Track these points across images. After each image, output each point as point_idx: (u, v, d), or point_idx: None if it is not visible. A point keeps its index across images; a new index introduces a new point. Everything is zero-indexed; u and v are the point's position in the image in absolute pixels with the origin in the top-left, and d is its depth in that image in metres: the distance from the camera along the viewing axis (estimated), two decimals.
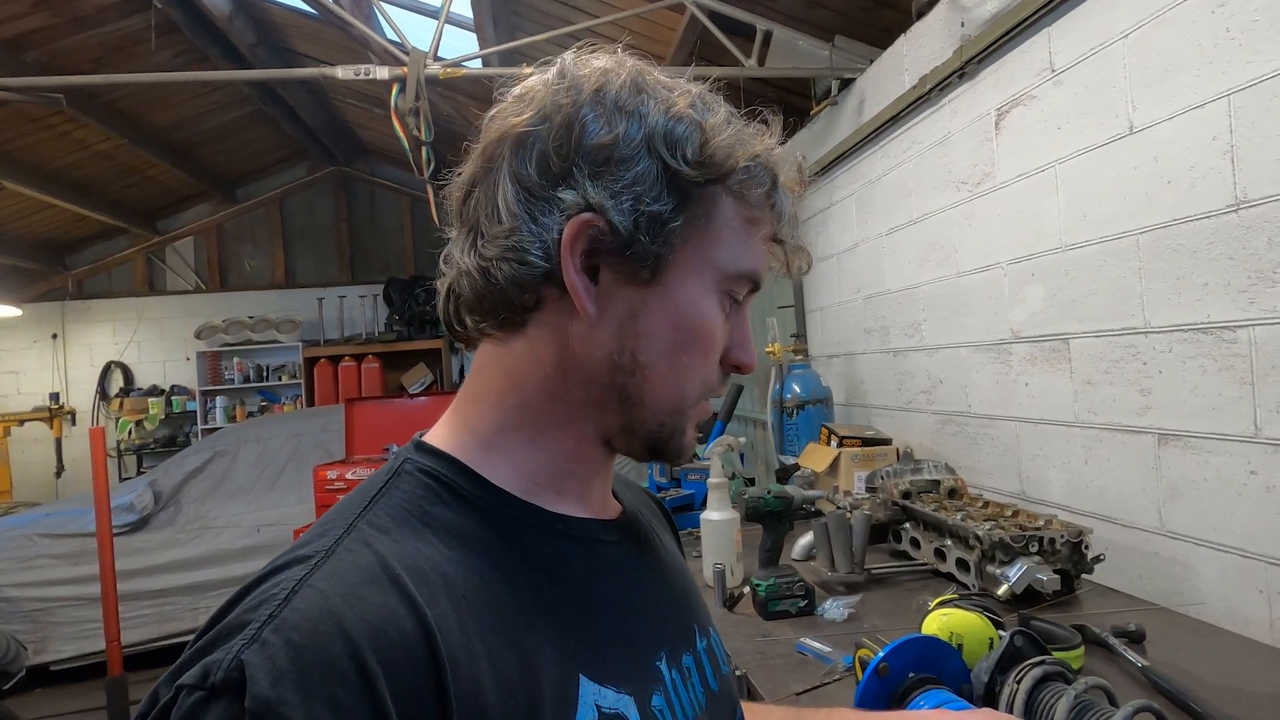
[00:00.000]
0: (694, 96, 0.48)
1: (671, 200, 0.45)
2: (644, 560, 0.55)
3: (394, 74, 2.44)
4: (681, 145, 0.45)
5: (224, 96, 5.24)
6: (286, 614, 0.36)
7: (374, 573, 0.39)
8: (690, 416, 0.51)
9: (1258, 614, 1.26)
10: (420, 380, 6.75)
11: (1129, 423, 1.53)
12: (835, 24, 2.76)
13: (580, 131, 0.45)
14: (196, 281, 6.94)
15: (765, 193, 0.49)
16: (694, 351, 0.49)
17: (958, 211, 2.09)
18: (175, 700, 0.35)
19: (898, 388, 2.52)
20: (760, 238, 0.50)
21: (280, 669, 0.34)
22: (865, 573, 1.53)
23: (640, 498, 0.65)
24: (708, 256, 0.48)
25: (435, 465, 0.47)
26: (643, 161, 0.45)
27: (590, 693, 0.43)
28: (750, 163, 0.47)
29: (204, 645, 0.37)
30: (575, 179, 0.45)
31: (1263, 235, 1.22)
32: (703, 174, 0.46)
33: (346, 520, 0.43)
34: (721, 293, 0.49)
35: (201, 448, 4.40)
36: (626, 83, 0.47)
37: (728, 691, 0.57)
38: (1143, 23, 1.44)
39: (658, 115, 0.46)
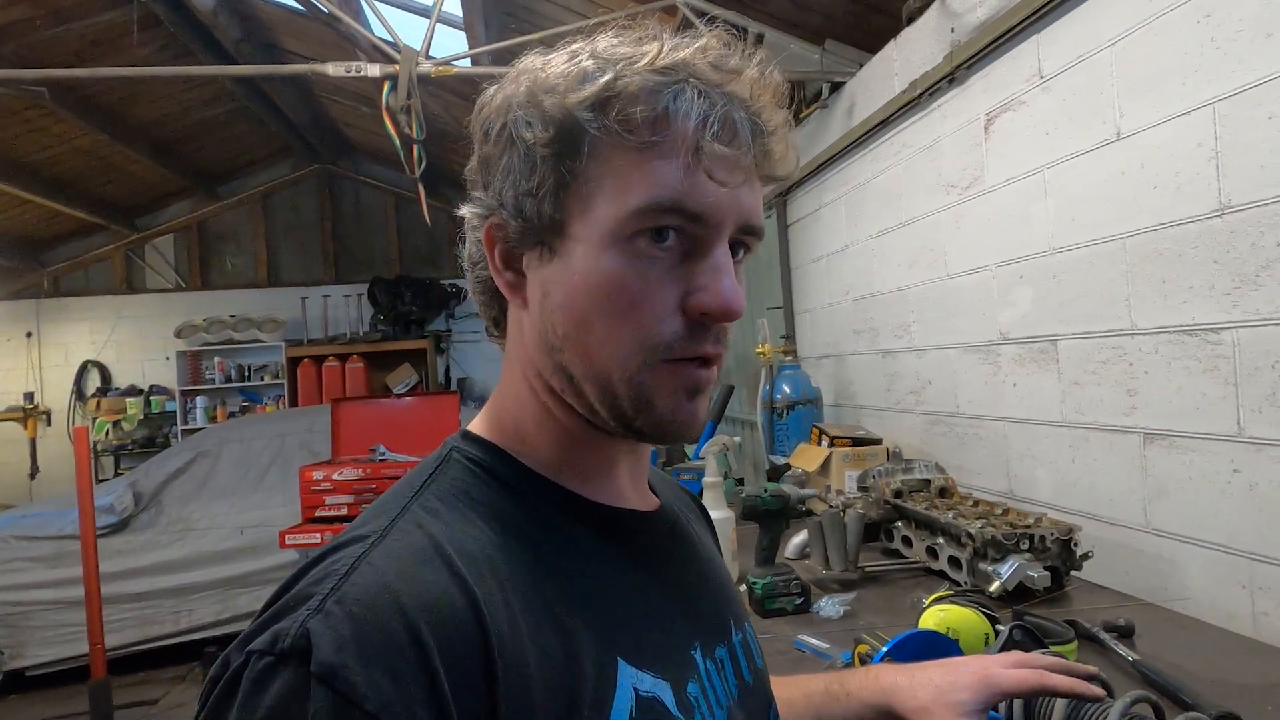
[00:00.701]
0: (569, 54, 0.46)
1: (538, 172, 0.45)
2: (680, 553, 0.56)
3: (386, 71, 2.43)
4: (526, 119, 0.45)
5: (207, 92, 5.17)
6: (347, 588, 0.38)
7: (427, 552, 0.41)
8: (651, 386, 0.45)
9: (1241, 608, 1.29)
10: (405, 380, 6.70)
11: (1115, 422, 1.56)
12: (826, 28, 2.79)
13: (482, 140, 0.49)
14: (177, 280, 6.84)
15: (650, 109, 0.43)
16: (610, 314, 0.44)
17: (947, 214, 2.12)
18: (246, 664, 0.36)
19: (887, 388, 2.55)
20: (664, 160, 0.43)
21: (343, 637, 0.36)
22: (859, 571, 1.55)
23: (677, 493, 0.65)
24: (594, 211, 0.44)
25: (479, 453, 0.50)
26: (508, 150, 0.46)
27: (628, 675, 0.44)
28: (602, 91, 0.43)
29: (271, 615, 0.39)
30: (485, 185, 0.49)
31: (1246, 239, 1.26)
32: (547, 132, 0.44)
33: (400, 503, 0.45)
34: (623, 240, 0.44)
35: (183, 448, 4.33)
36: (524, 79, 0.47)
37: (761, 685, 0.57)
38: (1130, 31, 1.47)
39: (520, 96, 0.46)
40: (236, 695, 0.36)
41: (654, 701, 0.45)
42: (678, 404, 0.46)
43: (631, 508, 0.53)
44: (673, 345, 0.45)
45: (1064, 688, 0.64)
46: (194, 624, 3.72)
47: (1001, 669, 0.65)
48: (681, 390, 0.46)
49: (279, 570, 3.76)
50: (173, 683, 3.56)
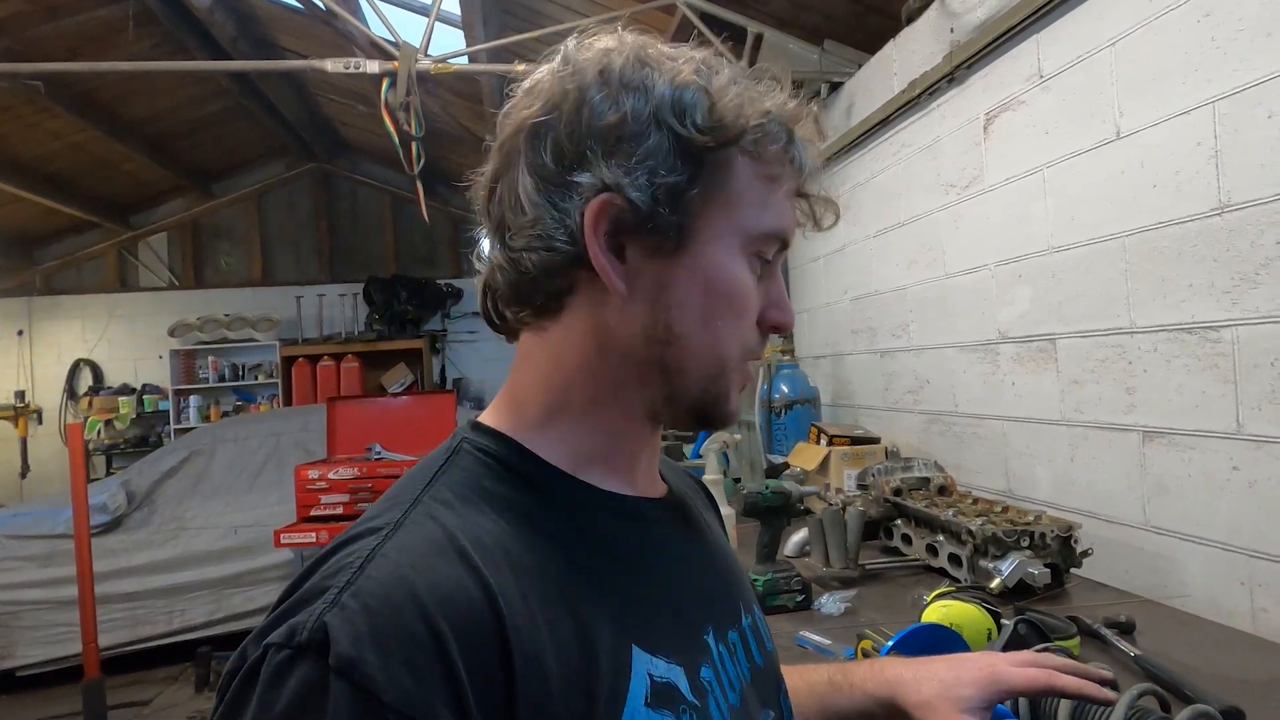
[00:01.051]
0: (698, 62, 0.48)
1: (686, 169, 0.46)
2: (690, 538, 0.56)
3: (384, 68, 2.42)
4: (689, 112, 0.45)
5: (202, 90, 5.15)
6: (362, 581, 0.38)
7: (441, 544, 0.41)
8: (733, 381, 0.51)
9: (1240, 605, 1.30)
10: (400, 380, 6.68)
11: (1115, 421, 1.56)
12: (825, 28, 2.80)
13: (589, 114, 0.46)
14: (170, 278, 6.79)
15: (782, 148, 0.49)
16: (728, 316, 0.49)
17: (946, 214, 2.13)
18: (264, 657, 0.36)
19: (885, 388, 2.55)
20: (783, 194, 0.50)
21: (359, 630, 0.36)
22: (859, 568, 1.55)
23: (685, 480, 0.66)
24: (731, 220, 0.48)
25: (490, 444, 0.49)
26: (653, 135, 0.45)
27: (643, 662, 0.44)
28: (762, 119, 0.47)
29: (287, 608, 0.38)
30: (590, 161, 0.46)
31: (1246, 238, 1.27)
32: (714, 138, 0.46)
33: (412, 495, 0.45)
34: (749, 254, 0.49)
35: (177, 447, 4.30)
36: (630, 59, 0.47)
37: (772, 667, 0.58)
38: (1130, 31, 1.48)
39: (663, 86, 0.46)
40: (255, 688, 0.36)
41: (668, 687, 0.45)
42: (738, 397, 0.53)
43: (643, 495, 0.54)
44: (752, 349, 0.52)
45: (1072, 688, 0.63)
46: (186, 624, 3.69)
47: (1009, 666, 0.64)
48: (742, 386, 0.52)
49: (273, 570, 3.74)
50: (165, 683, 3.53)
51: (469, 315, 7.04)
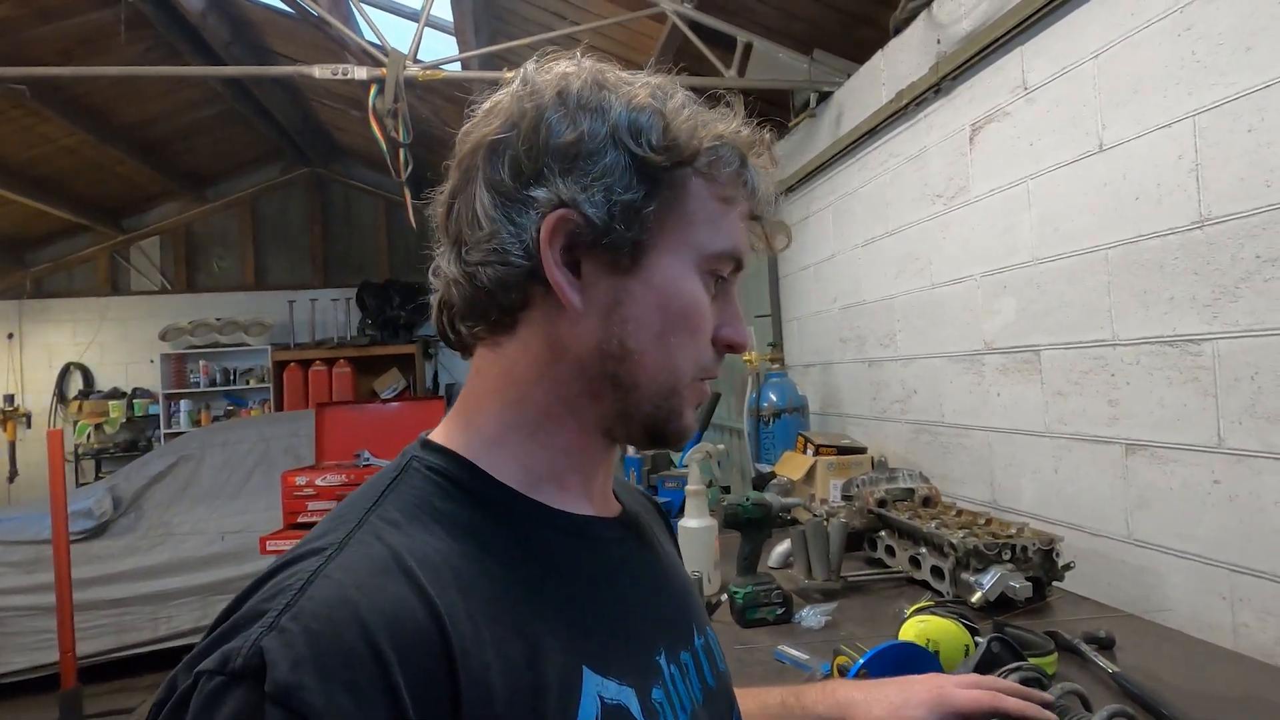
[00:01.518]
0: (654, 87, 0.50)
1: (642, 187, 0.47)
2: (644, 559, 0.57)
3: (372, 75, 2.42)
4: (646, 133, 0.47)
5: (196, 93, 5.14)
6: (303, 603, 0.37)
7: (387, 564, 0.40)
8: (686, 398, 0.51)
9: (1221, 620, 1.29)
10: (393, 385, 6.66)
11: (1098, 433, 1.56)
12: (814, 38, 2.80)
13: (547, 132, 0.47)
14: (162, 282, 6.77)
15: (735, 171, 0.50)
16: (682, 332, 0.49)
17: (934, 224, 2.13)
18: (195, 686, 0.35)
19: (873, 397, 2.55)
20: (736, 215, 0.51)
21: (299, 655, 0.35)
22: (841, 580, 1.54)
23: (639, 500, 0.66)
24: (685, 238, 0.49)
25: (441, 462, 0.49)
26: (609, 153, 0.46)
27: (593, 684, 0.44)
28: (715, 143, 0.49)
29: (221, 634, 0.37)
30: (547, 178, 0.46)
31: (1226, 252, 1.26)
32: (669, 158, 0.47)
33: (358, 514, 0.44)
34: (703, 272, 0.50)
35: (165, 452, 4.28)
36: (587, 82, 0.48)
37: (725, 689, 0.58)
38: (1112, 44, 1.48)
39: (619, 107, 0.47)
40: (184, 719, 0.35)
41: (619, 709, 0.45)
42: (692, 415, 0.53)
43: (597, 514, 0.53)
44: (707, 367, 0.52)
45: (1014, 710, 0.66)
46: (172, 631, 3.67)
47: (956, 689, 0.67)
48: (696, 404, 0.53)
49: None
50: (149, 691, 3.49)
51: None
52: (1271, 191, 1.19)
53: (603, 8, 3.13)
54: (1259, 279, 1.21)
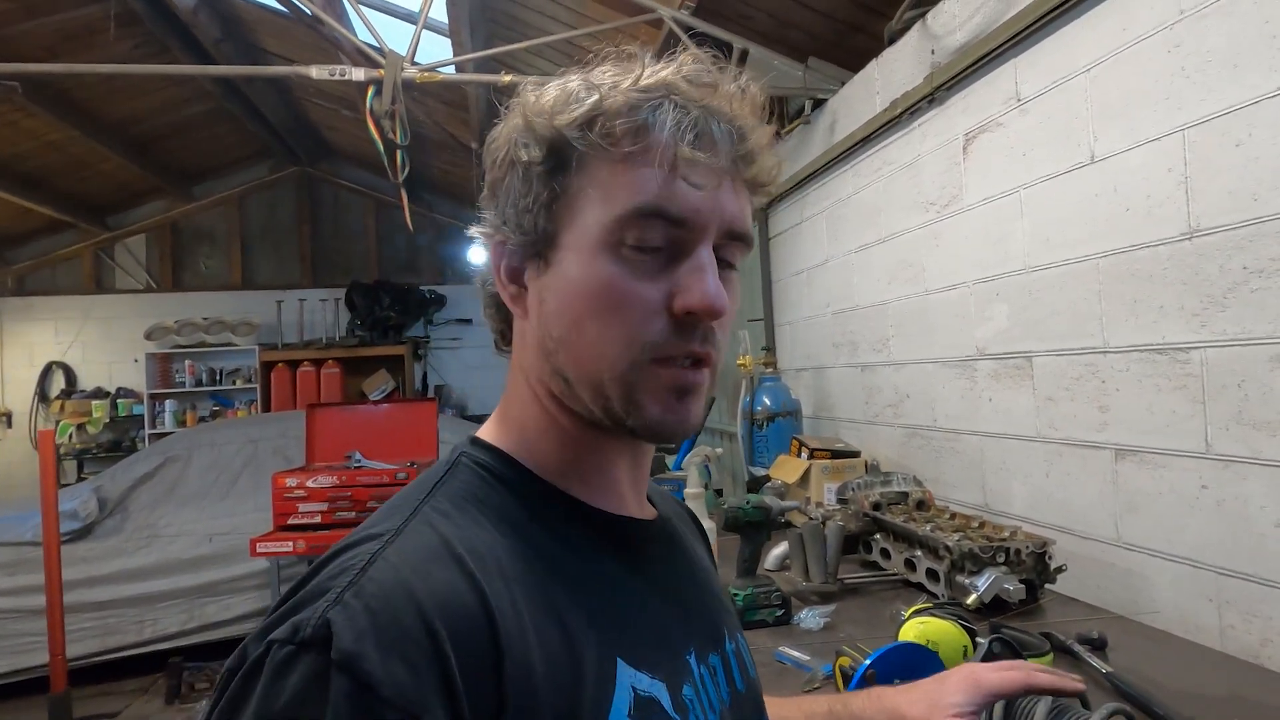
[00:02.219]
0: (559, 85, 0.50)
1: (532, 191, 0.49)
2: (676, 562, 0.58)
3: (370, 75, 2.41)
4: (522, 142, 0.49)
5: (185, 91, 5.09)
6: (364, 582, 0.40)
7: (439, 551, 0.43)
8: (639, 385, 0.47)
9: (1207, 621, 1.33)
10: (381, 387, 6.62)
11: (1088, 438, 1.59)
12: (809, 46, 2.84)
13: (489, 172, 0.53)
14: (148, 280, 6.69)
15: (628, 123, 0.46)
16: (598, 316, 0.47)
17: (926, 231, 2.16)
18: (267, 653, 0.38)
19: (865, 401, 2.58)
20: (644, 168, 0.46)
21: (361, 627, 0.37)
22: (839, 583, 1.56)
23: (674, 507, 0.67)
24: (582, 221, 0.48)
25: (486, 457, 0.52)
26: (509, 172, 0.50)
27: (627, 675, 0.45)
28: (588, 110, 0.46)
29: (289, 608, 0.40)
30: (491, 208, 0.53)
31: (1214, 262, 1.30)
32: (540, 151, 0.48)
33: (411, 505, 0.47)
34: (610, 246, 0.47)
35: (152, 452, 4.22)
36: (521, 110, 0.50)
37: (754, 694, 0.59)
38: (1104, 58, 1.52)
39: (516, 123, 0.50)
40: (257, 683, 0.37)
41: (651, 701, 0.46)
42: (667, 404, 0.48)
43: (632, 515, 0.55)
44: (660, 344, 0.47)
45: (1048, 684, 0.68)
46: (158, 634, 3.62)
47: (988, 672, 0.69)
48: (669, 390, 0.48)
49: (249, 579, 3.68)
50: (134, 695, 3.45)
51: (452, 322, 7.01)
52: (1259, 205, 1.22)
53: (599, 12, 3.14)
54: (1246, 290, 1.25)
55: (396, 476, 3.19)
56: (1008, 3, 1.77)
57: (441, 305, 6.96)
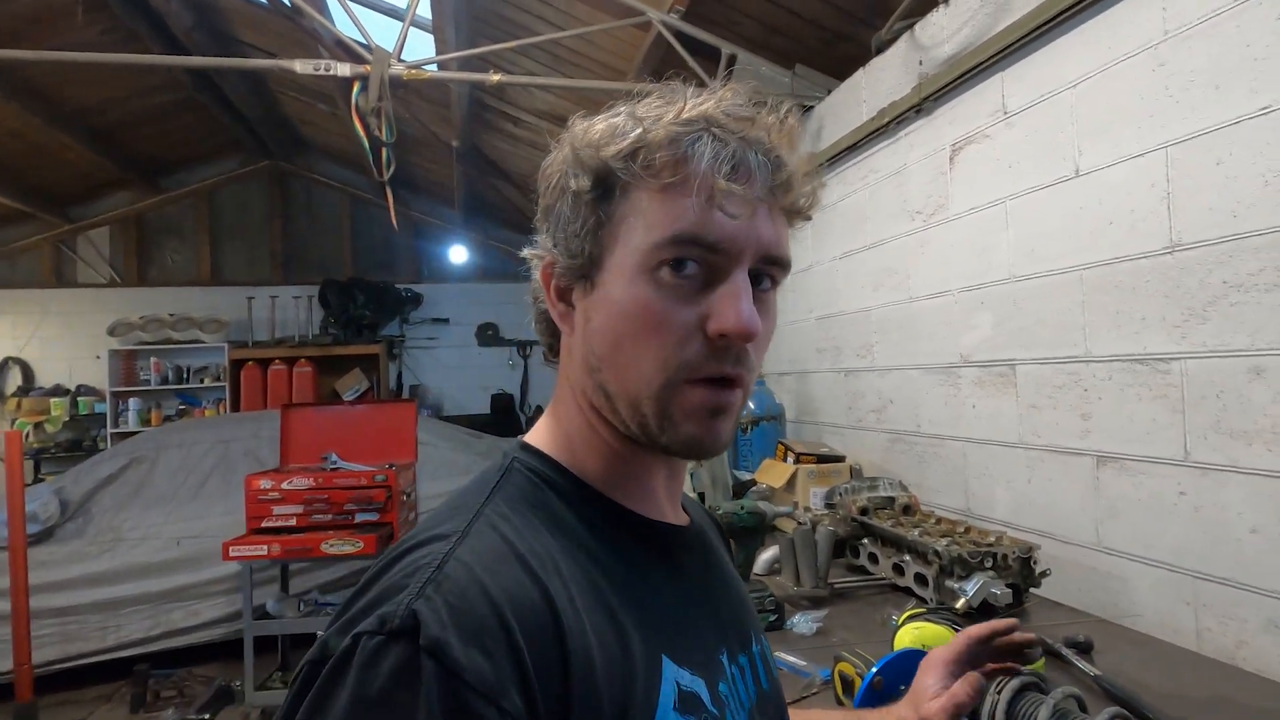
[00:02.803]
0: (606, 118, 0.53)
1: (580, 216, 0.52)
2: (708, 567, 0.61)
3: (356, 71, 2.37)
4: (573, 171, 0.52)
5: (153, 79, 4.95)
6: (441, 578, 0.42)
7: (504, 552, 0.46)
8: (673, 403, 0.49)
9: (1185, 624, 1.37)
10: (355, 386, 6.52)
11: (1070, 445, 1.63)
12: (796, 52, 2.86)
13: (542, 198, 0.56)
14: (111, 275, 6.49)
15: (670, 154, 0.49)
16: (637, 336, 0.50)
17: (912, 239, 2.20)
18: (356, 645, 0.39)
19: (849, 406, 2.60)
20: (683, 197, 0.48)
21: (443, 619, 0.40)
22: (829, 587, 1.58)
23: (703, 515, 0.70)
24: (625, 245, 0.51)
25: (538, 464, 0.55)
26: (560, 199, 0.53)
27: (671, 671, 0.48)
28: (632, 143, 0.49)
29: (369, 602, 0.42)
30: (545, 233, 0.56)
31: (1195, 276, 1.34)
32: (589, 180, 0.51)
33: (473, 508, 0.49)
34: (649, 271, 0.49)
35: (117, 453, 4.09)
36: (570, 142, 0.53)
37: (777, 693, 0.62)
38: (1090, 75, 1.56)
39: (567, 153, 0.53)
40: (348, 672, 0.39)
41: (693, 696, 0.49)
42: (700, 422, 0.50)
43: (669, 522, 0.57)
44: (694, 365, 0.49)
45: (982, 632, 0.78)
46: (122, 640, 3.51)
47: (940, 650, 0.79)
48: (703, 409, 0.50)
49: (218, 584, 3.59)
50: (97, 703, 3.34)
51: (428, 321, 6.93)
52: (1238, 222, 1.26)
53: (587, 14, 3.13)
54: (1225, 303, 1.29)
55: (375, 479, 3.14)
56: (996, 17, 1.81)
57: (418, 304, 6.87)
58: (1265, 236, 1.22)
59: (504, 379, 7.03)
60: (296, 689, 0.41)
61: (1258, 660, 1.23)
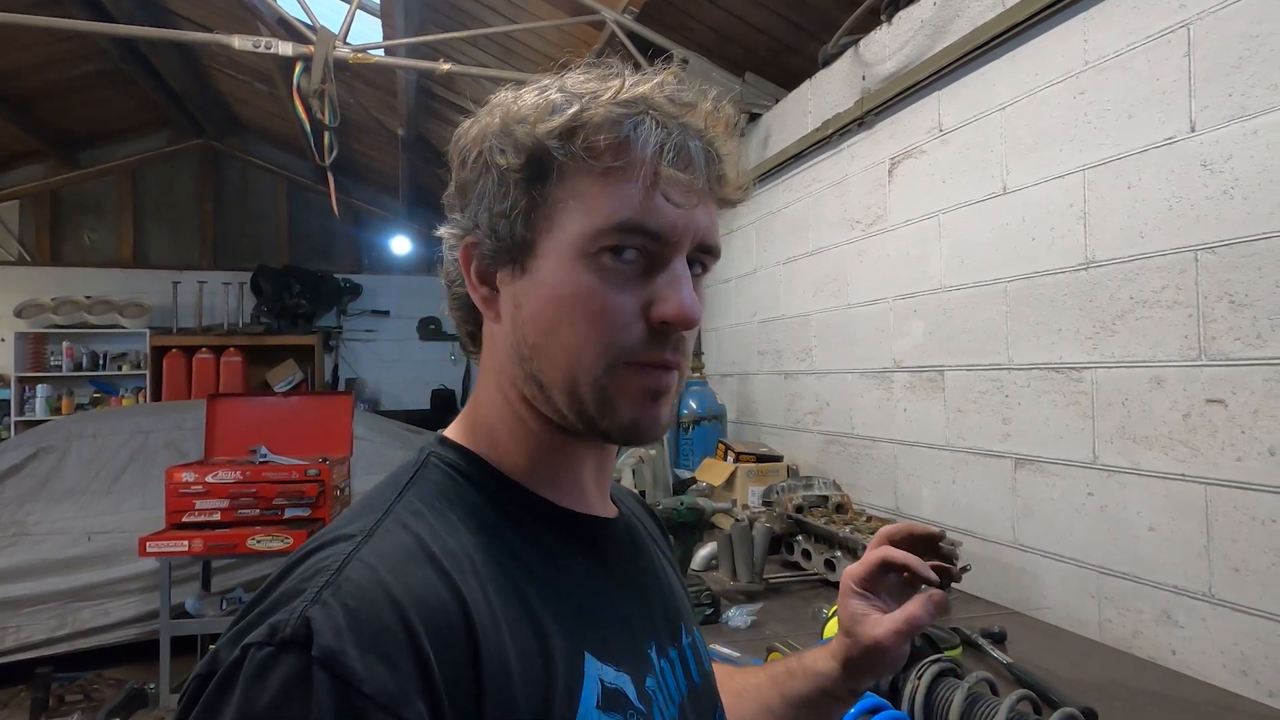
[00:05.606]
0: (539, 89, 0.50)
1: (509, 196, 0.49)
2: (637, 559, 0.60)
3: (299, 51, 2.29)
4: (499, 147, 0.49)
5: (76, 47, 4.65)
6: (340, 582, 0.40)
7: (413, 550, 0.43)
8: (613, 388, 0.48)
9: (1089, 616, 1.46)
10: (288, 378, 6.28)
11: (992, 448, 1.72)
12: (746, 61, 2.92)
13: (458, 170, 0.53)
14: (20, 252, 6.06)
15: (613, 138, 0.47)
16: (575, 321, 0.48)
17: (851, 248, 2.27)
18: (244, 657, 0.37)
19: (787, 408, 2.67)
20: (625, 183, 0.47)
21: (340, 626, 0.38)
22: (764, 582, 1.62)
23: (637, 508, 0.69)
24: (562, 228, 0.48)
25: (455, 458, 0.53)
26: (483, 176, 0.50)
27: (594, 668, 0.47)
28: (568, 122, 0.47)
29: (264, 610, 0.39)
30: (461, 210, 0.53)
31: (1106, 291, 1.44)
32: (519, 159, 0.48)
33: (383, 505, 0.47)
34: (589, 255, 0.48)
35: (21, 442, 3.83)
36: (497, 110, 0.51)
37: (709, 686, 0.61)
38: (1018, 99, 1.65)
39: (494, 127, 0.50)
40: (235, 686, 0.36)
41: (618, 693, 0.48)
42: (641, 406, 0.50)
43: (595, 514, 0.56)
44: (635, 349, 0.49)
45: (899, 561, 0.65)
46: (23, 642, 3.29)
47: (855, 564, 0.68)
48: (644, 392, 0.49)
49: (133, 581, 3.40)
50: None
51: (367, 313, 6.74)
52: (1145, 242, 1.37)
53: (540, 9, 3.12)
54: (1132, 317, 1.39)
55: (307, 473, 3.04)
56: (935, 39, 1.89)
57: (357, 295, 6.68)
58: (1167, 257, 1.32)
59: (445, 374, 6.90)
60: (184, 704, 0.38)
61: (1151, 649, 1.33)
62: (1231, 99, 1.22)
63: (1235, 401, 1.21)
